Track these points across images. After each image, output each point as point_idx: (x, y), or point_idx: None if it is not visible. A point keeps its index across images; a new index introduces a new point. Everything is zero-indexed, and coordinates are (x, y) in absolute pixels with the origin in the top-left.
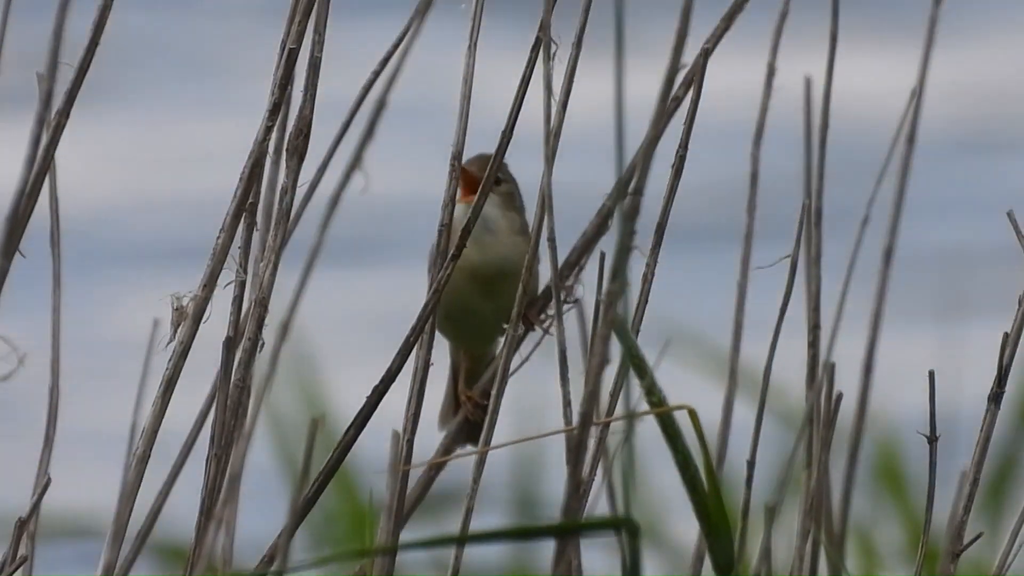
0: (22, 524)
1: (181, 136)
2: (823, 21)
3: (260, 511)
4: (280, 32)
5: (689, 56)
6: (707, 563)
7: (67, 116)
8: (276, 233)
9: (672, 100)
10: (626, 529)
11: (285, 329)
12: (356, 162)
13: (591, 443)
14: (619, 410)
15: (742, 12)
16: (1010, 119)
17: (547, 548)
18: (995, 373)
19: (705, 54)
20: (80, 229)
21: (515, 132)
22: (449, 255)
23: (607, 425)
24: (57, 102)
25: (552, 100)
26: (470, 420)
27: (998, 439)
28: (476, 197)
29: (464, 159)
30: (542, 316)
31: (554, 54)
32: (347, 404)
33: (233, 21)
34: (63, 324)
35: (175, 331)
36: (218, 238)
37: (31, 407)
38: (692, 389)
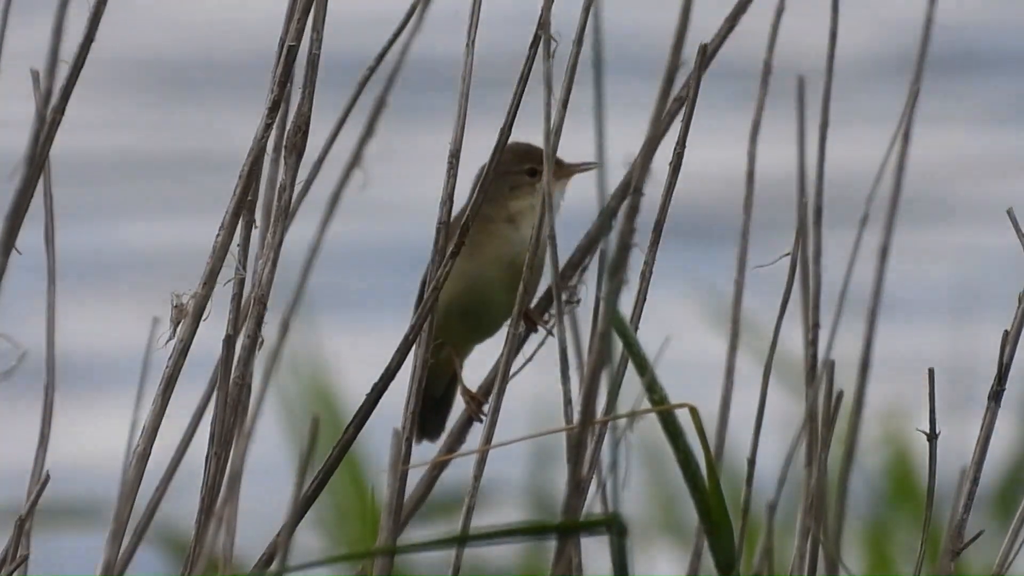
0: (21, 522)
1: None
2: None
3: (273, 508)
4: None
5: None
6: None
7: (62, 112)
8: (275, 230)
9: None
10: (614, 527)
11: (286, 327)
12: (356, 159)
13: (591, 441)
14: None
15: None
16: None
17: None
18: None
19: (703, 52)
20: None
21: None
22: (448, 252)
23: (607, 424)
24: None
25: (552, 99)
26: (471, 419)
27: (1012, 440)
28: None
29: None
30: (544, 316)
31: (554, 51)
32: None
33: None
34: (58, 322)
35: (175, 329)
36: (217, 236)
37: (30, 405)
38: (693, 388)
